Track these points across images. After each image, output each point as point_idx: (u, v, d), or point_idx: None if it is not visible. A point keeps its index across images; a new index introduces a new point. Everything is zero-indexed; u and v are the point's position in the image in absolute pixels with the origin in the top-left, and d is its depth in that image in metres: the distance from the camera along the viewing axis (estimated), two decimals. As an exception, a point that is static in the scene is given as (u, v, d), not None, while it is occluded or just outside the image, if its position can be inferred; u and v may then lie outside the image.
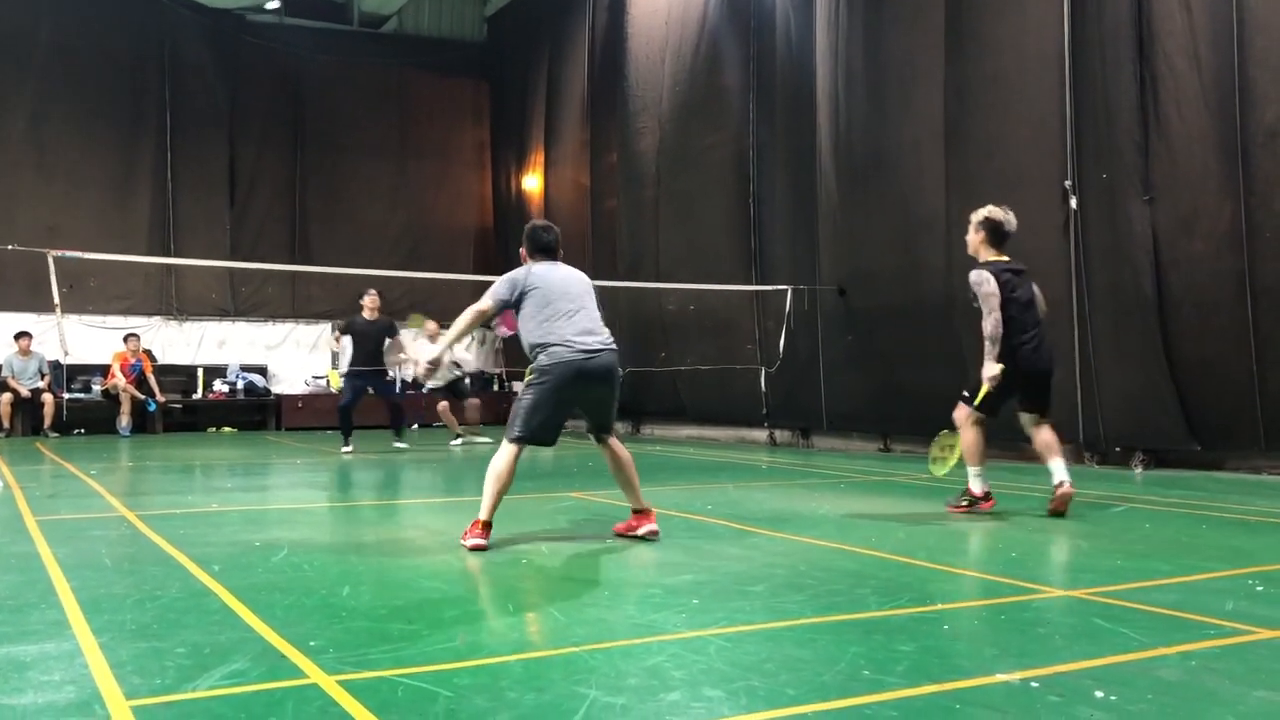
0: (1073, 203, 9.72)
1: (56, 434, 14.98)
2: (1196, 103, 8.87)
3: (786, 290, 12.60)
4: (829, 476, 9.05)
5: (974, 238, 6.65)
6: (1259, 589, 4.26)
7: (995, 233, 6.56)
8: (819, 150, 12.39)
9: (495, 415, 18.21)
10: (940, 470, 6.87)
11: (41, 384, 15.28)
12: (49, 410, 15.08)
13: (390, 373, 12.75)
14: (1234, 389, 8.68)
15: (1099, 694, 2.85)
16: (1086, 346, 9.66)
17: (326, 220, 18.63)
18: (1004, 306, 6.29)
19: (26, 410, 15.27)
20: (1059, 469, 6.34)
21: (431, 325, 13.02)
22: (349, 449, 11.80)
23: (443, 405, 13.33)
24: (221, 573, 4.61)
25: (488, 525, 5.27)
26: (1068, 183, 9.74)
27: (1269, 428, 8.50)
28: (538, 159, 18.69)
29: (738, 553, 5.20)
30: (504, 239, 19.74)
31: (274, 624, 3.66)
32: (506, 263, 19.38)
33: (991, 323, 6.26)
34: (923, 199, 11.17)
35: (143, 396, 15.65)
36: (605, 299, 6.34)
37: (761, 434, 13.72)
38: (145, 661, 3.22)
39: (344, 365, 12.41)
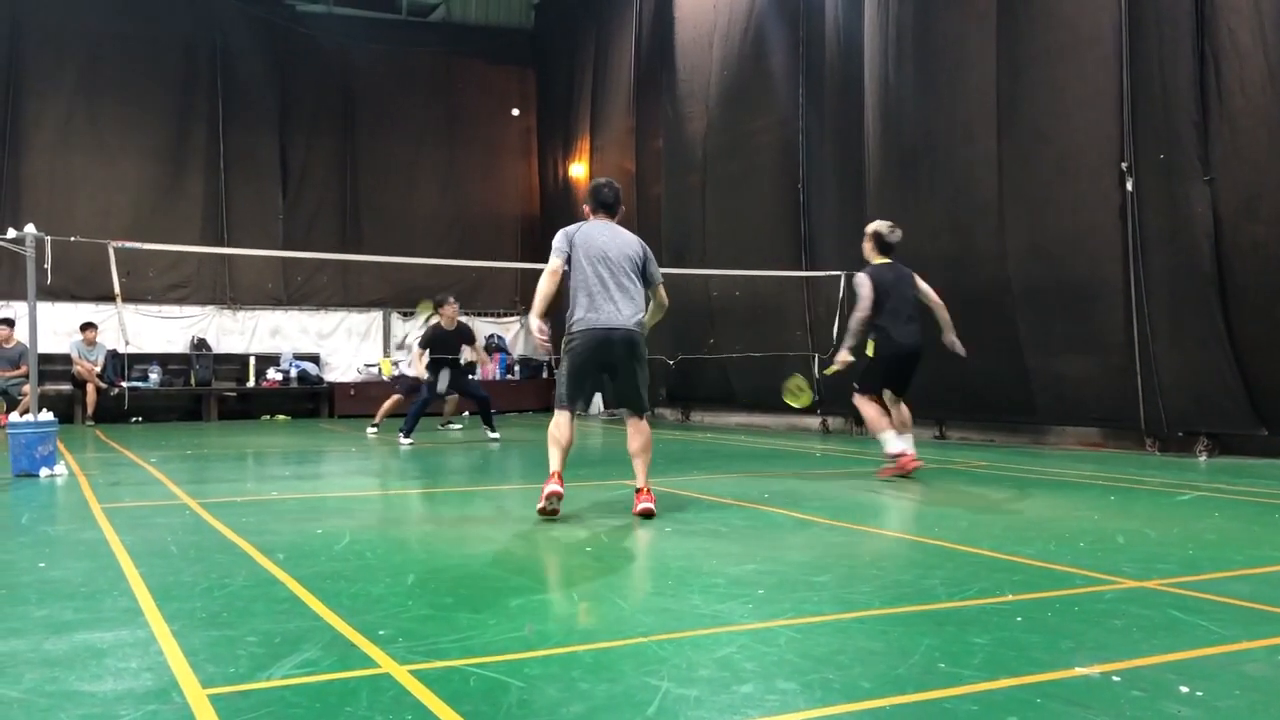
0: (1129, 184, 9.53)
1: (92, 422, 15.13)
2: (1262, 81, 8.63)
3: (840, 276, 12.47)
4: (884, 464, 8.95)
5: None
6: (1340, 580, 4.15)
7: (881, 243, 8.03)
8: (868, 133, 12.24)
9: (546, 402, 18.33)
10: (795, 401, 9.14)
11: (96, 371, 15.49)
12: (90, 400, 15.30)
13: (471, 370, 12.80)
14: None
15: (1184, 689, 2.79)
16: (1145, 330, 9.47)
17: (376, 209, 18.75)
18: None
19: (80, 398, 15.49)
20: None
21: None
22: (410, 442, 11.64)
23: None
24: (286, 561, 4.65)
25: (557, 475, 5.74)
26: (1124, 164, 9.55)
27: (1339, 413, 8.30)
28: (584, 146, 18.65)
29: (799, 542, 5.16)
30: (550, 226, 19.52)
31: (341, 613, 3.68)
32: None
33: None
34: (975, 182, 11.00)
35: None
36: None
37: (814, 421, 13.63)
38: (218, 649, 3.25)
39: (420, 370, 12.20)
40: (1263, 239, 8.69)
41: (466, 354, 12.45)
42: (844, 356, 7.90)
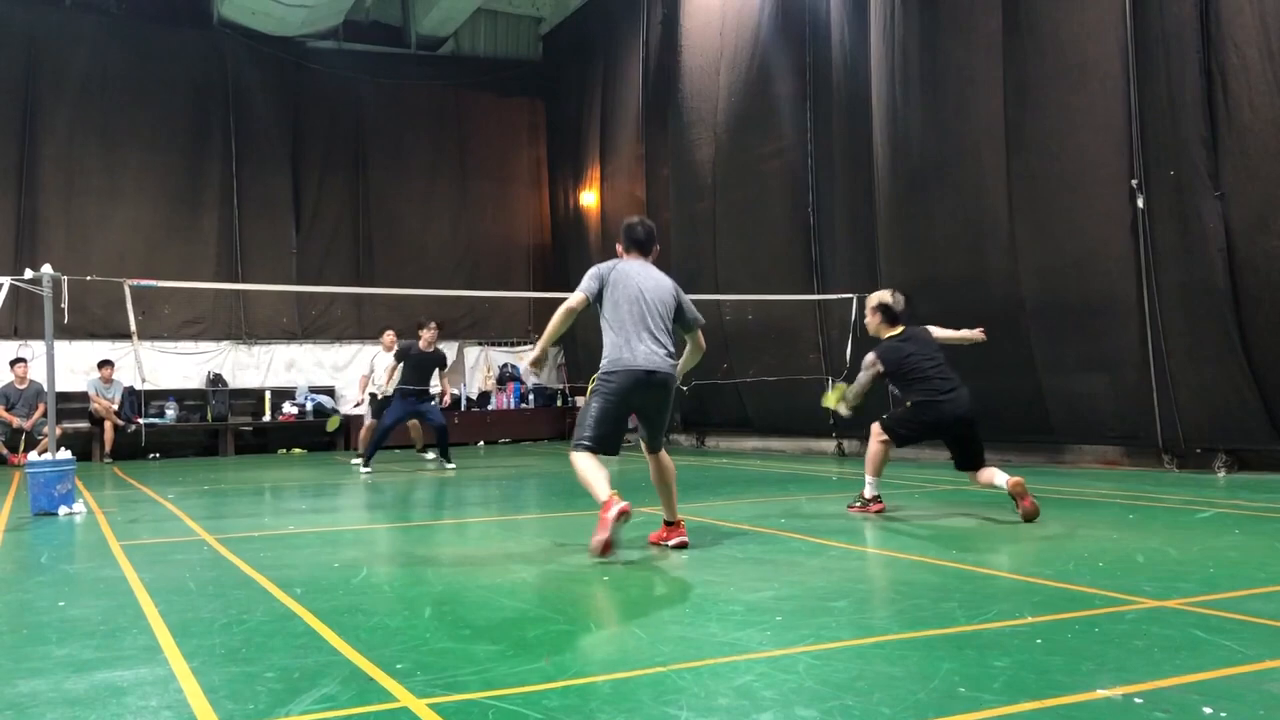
0: (1140, 201, 9.52)
1: (110, 460, 15.18)
2: (1270, 95, 8.64)
3: (851, 298, 12.49)
4: (901, 487, 8.93)
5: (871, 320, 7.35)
6: (1363, 596, 4.11)
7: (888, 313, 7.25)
8: (876, 156, 12.28)
9: (560, 431, 18.36)
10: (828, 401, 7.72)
11: (114, 408, 15.59)
12: (108, 437, 15.38)
13: (434, 397, 12.85)
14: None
15: (1208, 710, 2.76)
16: (1160, 347, 9.44)
17: (389, 241, 18.88)
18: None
19: (98, 435, 15.56)
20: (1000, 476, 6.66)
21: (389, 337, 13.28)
22: (369, 470, 11.99)
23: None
24: (304, 595, 4.66)
25: (616, 494, 5.28)
26: (1134, 181, 9.55)
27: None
28: (594, 175, 18.76)
29: (816, 567, 5.14)
30: (562, 256, 19.84)
31: (359, 646, 3.69)
32: (565, 280, 19.68)
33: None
34: (985, 202, 11.02)
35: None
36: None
37: (829, 444, 13.60)
38: (238, 686, 3.25)
39: (390, 389, 12.62)
40: (1275, 253, 8.67)
41: (435, 381, 12.61)
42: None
